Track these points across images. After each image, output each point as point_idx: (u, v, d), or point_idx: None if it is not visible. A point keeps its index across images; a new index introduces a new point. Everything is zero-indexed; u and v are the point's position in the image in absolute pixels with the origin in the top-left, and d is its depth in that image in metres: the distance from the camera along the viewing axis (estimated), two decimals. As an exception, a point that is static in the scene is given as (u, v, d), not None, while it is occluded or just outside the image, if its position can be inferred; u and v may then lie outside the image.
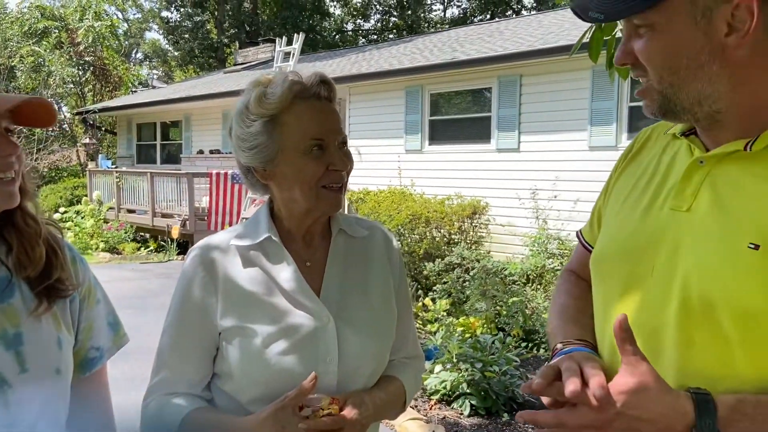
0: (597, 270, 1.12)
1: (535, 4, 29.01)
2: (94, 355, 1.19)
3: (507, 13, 27.15)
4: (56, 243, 1.13)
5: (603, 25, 2.36)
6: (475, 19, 27.54)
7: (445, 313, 6.10)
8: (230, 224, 10.68)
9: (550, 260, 7.20)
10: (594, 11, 0.96)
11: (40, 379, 1.06)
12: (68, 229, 12.34)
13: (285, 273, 1.28)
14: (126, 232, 12.34)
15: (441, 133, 10.03)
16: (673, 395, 0.88)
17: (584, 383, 0.89)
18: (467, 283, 6.62)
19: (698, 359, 0.91)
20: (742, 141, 0.94)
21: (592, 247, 1.18)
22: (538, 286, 6.91)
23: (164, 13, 33.32)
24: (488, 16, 27.81)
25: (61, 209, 13.41)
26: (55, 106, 1.06)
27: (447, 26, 26.24)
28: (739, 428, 0.85)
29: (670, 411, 0.87)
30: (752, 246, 0.88)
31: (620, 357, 0.91)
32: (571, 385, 0.87)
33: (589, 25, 2.49)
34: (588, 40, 2.36)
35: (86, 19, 20.59)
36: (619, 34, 2.36)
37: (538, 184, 8.26)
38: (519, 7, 29.22)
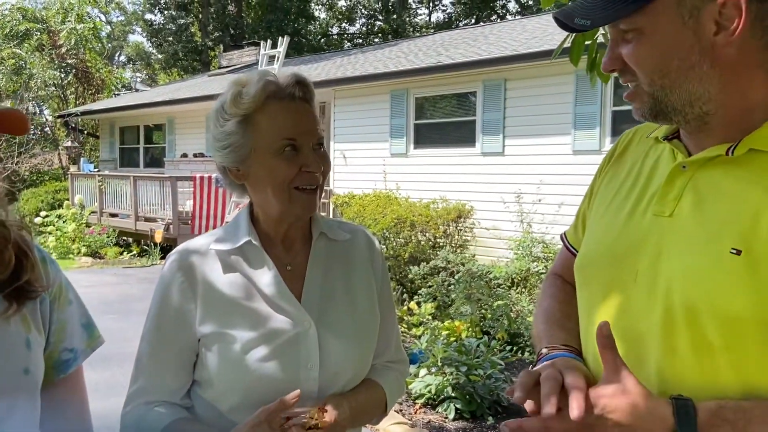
0: (581, 275, 1.12)
1: (519, 9, 29.22)
2: (68, 356, 1.17)
3: (492, 18, 27.30)
4: (26, 245, 1.11)
5: (586, 29, 2.37)
6: (460, 24, 27.68)
7: (430, 317, 6.09)
8: (214, 228, 10.60)
9: (535, 264, 7.23)
10: (580, 18, 0.95)
11: (6, 379, 1.04)
12: (49, 233, 12.21)
13: (265, 277, 1.27)
14: (108, 237, 12.23)
15: (426, 136, 10.05)
16: (653, 401, 0.88)
17: (564, 391, 0.89)
18: (452, 286, 6.63)
19: (681, 366, 0.91)
20: (724, 146, 0.94)
21: (577, 250, 1.18)
22: (523, 290, 6.93)
23: (148, 16, 33.16)
24: (473, 21, 27.95)
25: (43, 213, 13.26)
26: (26, 115, 1.08)
27: (432, 30, 26.33)
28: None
29: (650, 416, 0.87)
30: (734, 251, 0.88)
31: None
32: (547, 408, 0.87)
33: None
34: (569, 44, 2.37)
35: (68, 21, 20.39)
36: (600, 39, 2.37)
37: (523, 187, 8.30)
38: (504, 12, 29.41)
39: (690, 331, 0.91)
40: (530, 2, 28.39)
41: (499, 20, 23.56)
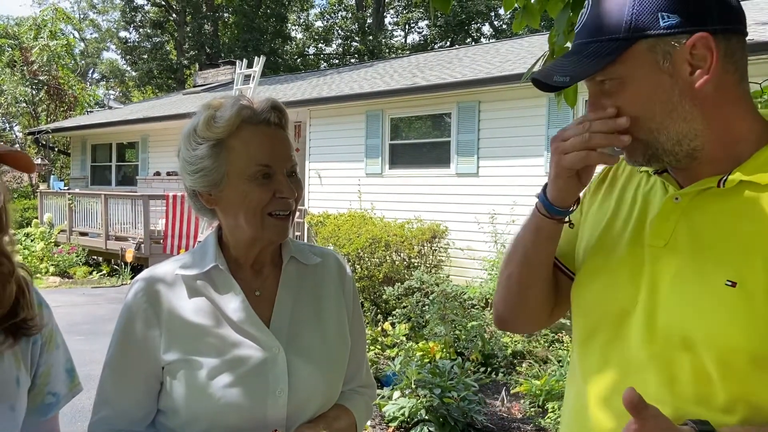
0: (578, 300, 1.12)
1: (493, 33, 29.69)
2: (51, 400, 1.18)
3: (466, 41, 27.68)
4: (26, 284, 1.15)
5: (554, 53, 2.41)
6: (436, 46, 27.99)
7: (404, 338, 6.07)
8: (187, 247, 10.48)
9: (509, 284, 7.24)
10: (559, 75, 0.98)
11: None
12: (17, 252, 11.93)
13: (233, 303, 1.24)
14: (78, 256, 12.00)
15: (401, 157, 10.09)
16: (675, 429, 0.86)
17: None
18: (426, 307, 6.62)
19: (681, 395, 0.92)
20: (715, 178, 0.96)
21: (557, 259, 1.17)
22: (497, 310, 6.93)
23: (122, 33, 32.98)
24: (448, 44, 28.32)
25: (10, 231, 12.95)
26: (32, 159, 1.14)
27: (408, 52, 26.60)
28: None
29: None
30: (729, 283, 0.90)
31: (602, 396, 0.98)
32: None
33: (541, 53, 2.54)
34: (539, 68, 2.41)
35: (41, 37, 20.19)
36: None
37: (497, 208, 8.36)
38: (478, 35, 29.84)
39: (689, 361, 0.92)
40: (504, 26, 28.88)
41: (473, 43, 23.89)
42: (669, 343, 0.94)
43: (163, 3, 29.64)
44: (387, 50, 29.67)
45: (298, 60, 31.56)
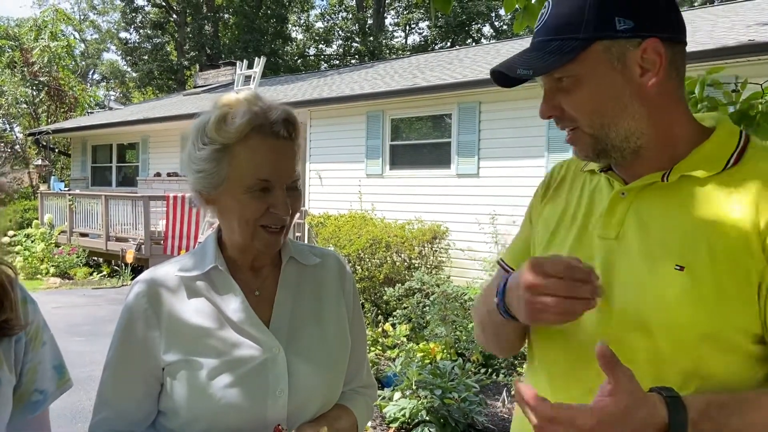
0: None
1: (494, 34, 29.70)
2: (38, 398, 1.15)
3: (467, 42, 27.69)
4: (9, 283, 1.11)
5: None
6: (436, 47, 28.00)
7: (404, 339, 6.06)
8: (187, 248, 10.49)
9: (509, 285, 7.24)
10: (522, 68, 1.04)
11: None
12: (17, 253, 11.95)
13: (232, 304, 1.24)
14: (78, 257, 11.99)
15: (401, 158, 10.09)
16: (649, 406, 0.90)
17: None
18: (427, 308, 6.61)
19: (637, 376, 0.94)
20: (658, 173, 1.05)
21: (510, 268, 1.23)
22: (498, 311, 6.93)
23: (122, 34, 33.01)
24: (449, 44, 28.33)
25: (11, 233, 12.97)
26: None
27: (408, 53, 26.61)
28: (704, 428, 0.92)
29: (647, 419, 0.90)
30: (678, 268, 0.98)
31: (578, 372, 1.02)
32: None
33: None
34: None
35: (42, 38, 20.20)
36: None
37: (497, 209, 8.35)
38: (479, 36, 29.86)
39: (644, 342, 0.99)
40: (504, 27, 28.89)
41: (474, 44, 23.91)
42: (625, 326, 1.01)
43: (164, 4, 29.66)
44: (387, 51, 29.69)
45: (299, 61, 31.57)
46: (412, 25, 32.01)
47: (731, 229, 0.97)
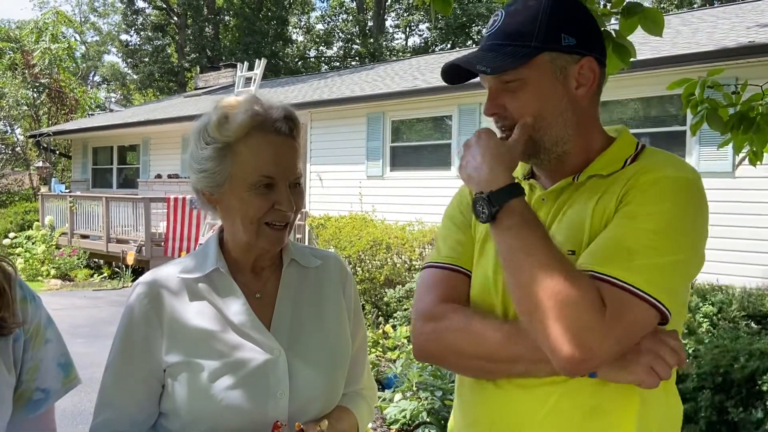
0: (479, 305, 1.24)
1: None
2: (39, 396, 1.14)
3: (467, 44, 27.70)
4: (6, 281, 1.09)
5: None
6: (436, 49, 28.02)
7: (405, 340, 6.06)
8: (188, 250, 10.49)
9: (510, 286, 7.24)
10: (481, 65, 1.15)
11: None
12: (18, 255, 11.95)
13: (234, 306, 1.25)
14: (79, 258, 12.00)
15: (402, 159, 10.09)
16: None
17: None
18: (428, 309, 6.61)
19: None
20: (570, 177, 1.20)
21: (461, 266, 1.26)
22: (498, 313, 6.93)
23: (123, 36, 33.06)
24: (449, 46, 28.34)
25: (11, 234, 12.98)
26: None
27: (409, 55, 26.63)
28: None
29: None
30: (570, 252, 1.12)
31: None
32: None
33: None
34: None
35: (42, 41, 20.23)
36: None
37: (498, 210, 8.35)
38: (479, 38, 29.87)
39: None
40: (505, 28, 28.83)
41: (474, 46, 23.91)
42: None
43: (164, 6, 29.70)
44: (388, 53, 29.71)
45: (299, 62, 31.60)
46: (413, 27, 32.03)
47: (604, 215, 1.13)
